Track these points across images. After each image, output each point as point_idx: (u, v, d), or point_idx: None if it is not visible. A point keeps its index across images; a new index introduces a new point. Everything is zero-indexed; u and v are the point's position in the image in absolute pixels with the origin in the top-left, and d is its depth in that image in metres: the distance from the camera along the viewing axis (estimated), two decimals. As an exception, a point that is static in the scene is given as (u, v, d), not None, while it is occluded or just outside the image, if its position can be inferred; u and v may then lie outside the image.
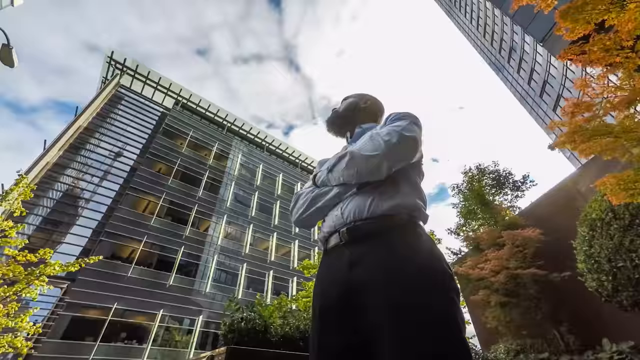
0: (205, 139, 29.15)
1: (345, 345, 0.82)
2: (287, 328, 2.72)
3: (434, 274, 0.82)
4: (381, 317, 0.76)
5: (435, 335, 0.70)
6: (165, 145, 25.37)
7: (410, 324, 0.71)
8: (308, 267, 11.70)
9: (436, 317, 0.73)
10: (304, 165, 40.01)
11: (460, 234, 11.52)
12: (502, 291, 7.34)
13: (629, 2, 3.19)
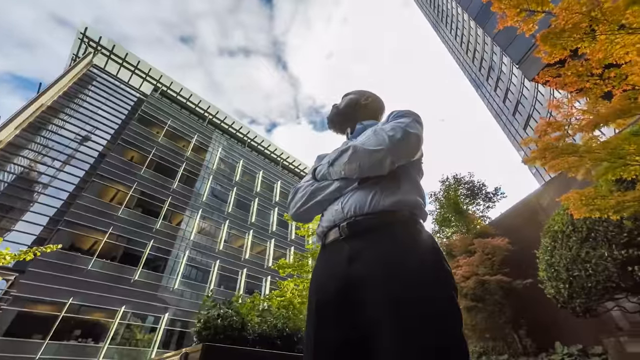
0: (184, 129, 28.11)
1: (344, 340, 0.82)
2: (264, 326, 2.68)
3: (435, 269, 0.83)
4: (381, 311, 0.75)
5: (438, 330, 0.70)
6: (140, 133, 24.16)
7: (411, 318, 0.71)
8: (283, 266, 11.58)
9: (438, 311, 0.73)
10: (285, 164, 39.74)
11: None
12: (470, 296, 7.70)
13: (599, 33, 3.48)
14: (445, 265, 0.86)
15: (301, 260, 12.10)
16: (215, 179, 27.72)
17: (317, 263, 1.05)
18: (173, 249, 21.45)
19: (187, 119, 29.37)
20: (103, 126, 23.16)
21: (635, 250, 4.10)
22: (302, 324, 2.95)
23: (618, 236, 4.27)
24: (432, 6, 32.92)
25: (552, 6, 3.96)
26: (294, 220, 1.22)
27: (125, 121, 24.66)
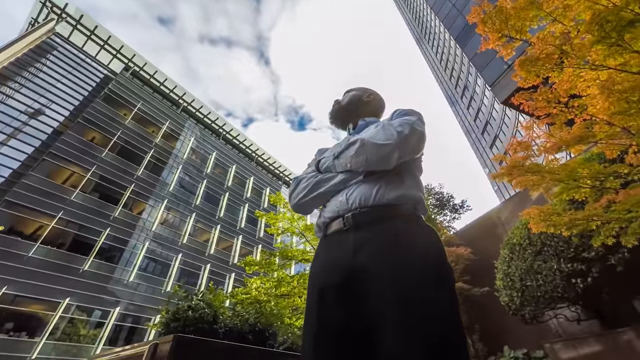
0: (155, 114, 26.56)
1: (345, 325, 0.82)
2: (236, 320, 2.59)
3: (438, 265, 0.85)
4: (385, 305, 0.76)
5: (441, 326, 0.72)
6: (105, 113, 22.45)
7: (415, 314, 0.72)
8: (250, 263, 11.33)
9: (442, 309, 0.75)
10: (259, 160, 39.04)
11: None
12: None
13: (567, 66, 3.85)
14: (447, 261, 0.88)
15: (269, 259, 11.95)
16: (184, 169, 26.50)
17: (318, 252, 1.06)
18: (131, 239, 20.10)
19: (159, 104, 27.81)
20: (61, 101, 21.16)
21: (579, 265, 4.55)
22: (274, 319, 2.91)
23: (566, 251, 4.72)
24: (418, 22, 34.37)
25: (529, 36, 4.31)
26: (295, 210, 1.21)
27: (88, 98, 22.75)
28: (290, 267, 13.73)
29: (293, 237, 18.31)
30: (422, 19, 30.84)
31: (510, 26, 4.48)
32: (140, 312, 18.82)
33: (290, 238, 25.68)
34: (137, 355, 1.72)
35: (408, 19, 39.99)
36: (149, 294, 19.75)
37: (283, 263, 13.00)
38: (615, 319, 4.92)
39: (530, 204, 8.30)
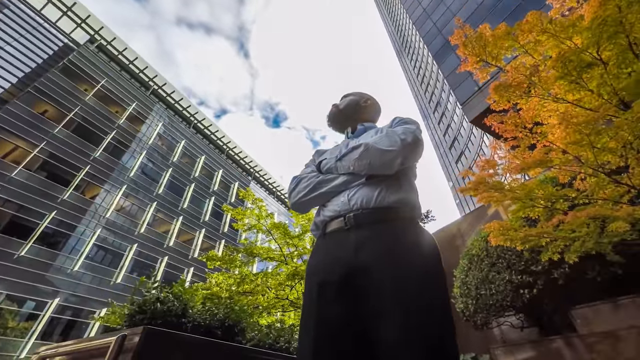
0: (120, 94, 24.69)
1: (345, 321, 0.84)
2: (206, 315, 2.49)
3: (437, 268, 0.90)
4: (386, 303, 0.79)
5: (440, 328, 0.77)
6: (62, 86, 20.42)
7: (417, 315, 0.75)
8: (213, 258, 10.93)
9: (440, 310, 0.79)
10: (230, 154, 37.87)
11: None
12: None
13: (533, 95, 4.25)
14: (442, 264, 0.93)
15: (232, 255, 11.65)
16: (149, 155, 24.91)
17: (316, 249, 1.09)
18: (80, 224, 18.43)
19: (126, 84, 25.91)
20: (8, 66, 18.90)
21: (527, 277, 5.01)
22: (244, 316, 2.84)
23: (517, 264, 5.17)
24: (399, 35, 35.69)
25: (503, 63, 4.68)
26: (293, 208, 1.23)
27: (42, 67, 20.56)
28: (254, 264, 13.51)
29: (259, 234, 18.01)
30: (404, 33, 32.11)
31: (487, 52, 4.85)
32: (83, 305, 17.29)
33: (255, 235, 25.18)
34: (101, 349, 1.58)
35: (390, 30, 41.38)
36: (95, 285, 18.22)
37: (247, 260, 12.75)
38: (552, 327, 5.47)
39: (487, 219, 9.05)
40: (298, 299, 12.03)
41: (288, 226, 14.82)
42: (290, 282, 11.56)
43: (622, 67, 3.58)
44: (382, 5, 46.32)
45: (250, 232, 15.36)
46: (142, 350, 1.60)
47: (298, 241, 14.77)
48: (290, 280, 11.47)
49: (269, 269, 18.61)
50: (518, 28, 4.12)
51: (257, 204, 14.18)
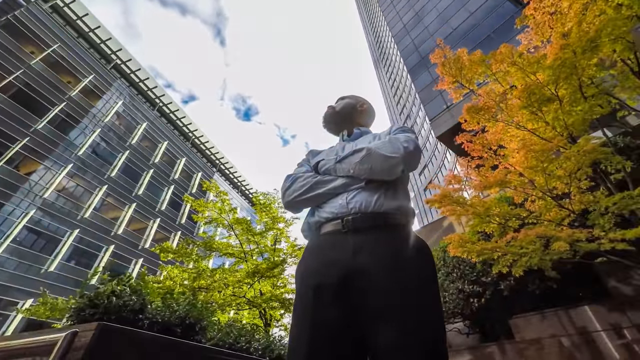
0: (75, 63, 22.25)
1: (343, 324, 0.83)
2: (166, 311, 2.30)
3: (433, 275, 0.92)
4: (384, 306, 0.80)
5: (434, 333, 0.79)
6: (2, 43, 17.87)
7: (415, 319, 0.77)
8: (167, 250, 10.31)
9: (435, 315, 0.82)
10: (196, 142, 36.00)
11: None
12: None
13: (499, 120, 4.65)
14: (436, 271, 0.96)
15: (189, 248, 11.10)
16: (103, 134, 22.74)
17: (310, 250, 1.06)
18: (8, 203, 16.19)
19: (84, 53, 23.43)
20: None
21: (478, 287, 5.42)
22: (206, 314, 2.69)
23: (470, 274, 5.57)
24: (378, 46, 36.85)
25: (475, 87, 5.04)
26: (287, 207, 1.20)
27: (-19, 18, 17.84)
28: (211, 259, 13.00)
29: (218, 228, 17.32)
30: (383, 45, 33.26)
31: (462, 75, 5.21)
32: (3, 294, 15.19)
33: (214, 229, 24.17)
34: (44, 347, 1.38)
35: (370, 40, 42.59)
36: (21, 272, 16.10)
37: (205, 254, 12.22)
38: (493, 334, 5.97)
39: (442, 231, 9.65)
40: (255, 297, 11.76)
41: (251, 223, 14.46)
42: (250, 279, 11.27)
43: (574, 105, 4.06)
44: (365, 15, 47.54)
45: (210, 225, 14.71)
46: (94, 349, 1.43)
47: (260, 238, 14.46)
48: (250, 278, 11.18)
49: (225, 265, 18.13)
50: (492, 57, 4.49)
51: (221, 197, 13.63)
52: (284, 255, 13.62)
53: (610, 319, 4.42)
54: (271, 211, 14.25)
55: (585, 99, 4.16)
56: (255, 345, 3.42)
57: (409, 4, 25.44)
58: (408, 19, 23.88)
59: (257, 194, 14.71)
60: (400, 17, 25.30)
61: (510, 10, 15.23)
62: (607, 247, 3.49)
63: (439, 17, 20.31)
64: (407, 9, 25.14)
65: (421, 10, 22.79)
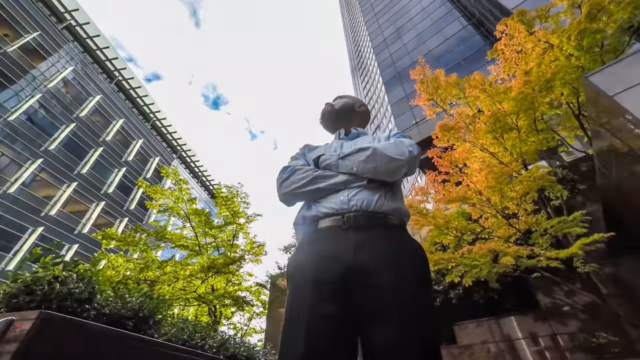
0: (16, 14, 19.40)
1: (341, 320, 0.83)
2: (118, 302, 2.06)
3: (428, 274, 0.95)
4: (384, 304, 0.81)
5: (432, 332, 0.81)
6: None
7: (414, 317, 0.79)
8: (110, 237, 9.45)
9: (432, 313, 0.85)
10: (157, 124, 33.46)
11: (289, 253, 12.79)
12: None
13: (467, 141, 5.03)
14: (430, 271, 1.00)
15: (137, 236, 10.30)
16: (45, 100, 20.08)
17: (306, 243, 1.05)
18: None
19: (28, 4, 20.54)
20: None
21: (429, 293, 5.77)
22: (162, 307, 2.47)
23: (424, 282, 5.91)
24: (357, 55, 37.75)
25: (448, 107, 5.39)
26: (282, 199, 1.18)
27: None
28: (160, 250, 12.20)
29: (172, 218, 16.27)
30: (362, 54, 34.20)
31: (438, 94, 5.54)
32: None
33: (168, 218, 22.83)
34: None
35: (350, 48, 43.50)
36: None
37: (154, 245, 11.43)
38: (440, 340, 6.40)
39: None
40: (207, 293, 11.21)
41: (210, 215, 13.79)
42: (204, 274, 10.71)
43: (529, 136, 4.56)
44: (347, 22, 48.49)
45: (164, 214, 13.78)
46: (34, 341, 1.22)
47: (218, 232, 13.86)
48: (204, 272, 10.63)
49: (176, 257, 17.10)
50: (467, 81, 4.86)
51: (180, 185, 12.84)
52: (241, 251, 13.21)
53: (531, 328, 5.02)
54: (233, 205, 13.73)
55: (537, 131, 4.68)
56: (210, 342, 3.22)
57: (391, 19, 26.53)
58: (389, 33, 24.88)
59: (220, 186, 14.08)
60: (381, 30, 26.24)
61: (480, 43, 16.66)
62: (543, 264, 3.95)
63: (417, 37, 21.49)
64: (389, 24, 26.20)
65: (401, 27, 23.92)
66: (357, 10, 40.22)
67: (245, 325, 15.70)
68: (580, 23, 4.68)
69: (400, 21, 24.79)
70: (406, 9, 25.92)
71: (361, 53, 35.41)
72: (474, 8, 18.47)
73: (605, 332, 4.00)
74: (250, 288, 13.41)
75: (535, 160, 4.71)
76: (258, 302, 13.69)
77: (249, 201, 13.90)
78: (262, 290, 13.44)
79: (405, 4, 26.70)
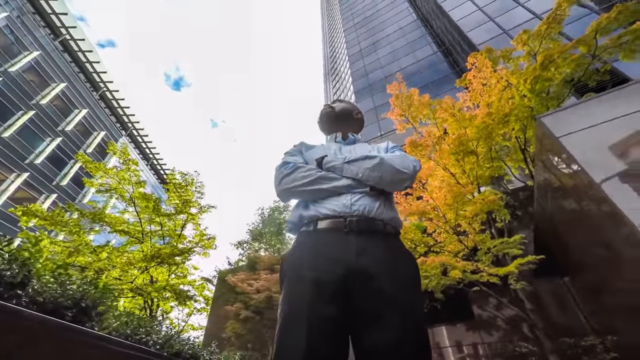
0: None
1: (341, 323, 0.84)
2: (57, 289, 1.76)
3: (419, 279, 1.03)
4: (384, 307, 0.84)
5: (425, 334, 0.86)
6: None
7: (412, 320, 0.84)
8: (33, 213, 8.25)
9: (424, 317, 0.91)
10: (107, 96, 30.06)
11: (241, 249, 12.37)
12: (253, 308, 8.29)
13: (432, 159, 5.38)
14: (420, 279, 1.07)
15: (68, 216, 9.20)
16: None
17: (306, 243, 1.05)
18: None
19: None
20: None
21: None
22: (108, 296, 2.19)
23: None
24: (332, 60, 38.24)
25: (418, 125, 5.72)
26: (280, 194, 1.19)
27: None
28: (93, 234, 11.04)
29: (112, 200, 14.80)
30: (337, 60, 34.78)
31: (410, 112, 5.86)
32: None
33: (108, 199, 20.81)
34: None
35: (326, 52, 43.94)
36: None
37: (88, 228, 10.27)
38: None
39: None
40: (146, 284, 10.31)
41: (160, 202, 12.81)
42: (145, 264, 9.85)
43: (485, 162, 5.06)
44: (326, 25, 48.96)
45: (104, 195, 12.56)
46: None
47: (167, 221, 12.92)
48: (147, 262, 9.80)
49: (112, 244, 15.60)
50: (438, 104, 5.24)
51: (129, 165, 11.74)
52: (188, 243, 12.43)
53: (457, 337, 5.54)
54: (186, 194, 12.90)
55: (492, 159, 5.21)
56: (154, 338, 2.94)
57: (369, 32, 27.47)
58: (365, 45, 25.73)
59: (174, 172, 13.15)
60: (359, 41, 27.01)
61: (446, 70, 18.07)
62: (485, 279, 4.38)
63: (391, 53, 22.55)
64: (367, 36, 27.11)
65: (378, 42, 24.92)
66: (337, 16, 40.89)
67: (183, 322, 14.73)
68: (535, 69, 5.33)
69: (377, 35, 25.82)
70: (384, 25, 27.10)
71: (336, 59, 36.00)
72: (444, 37, 19.99)
73: (526, 343, 4.55)
74: (194, 282, 12.67)
75: (487, 185, 5.24)
76: (201, 297, 12.98)
77: (204, 192, 13.24)
78: (206, 285, 12.77)
79: (383, 20, 27.91)
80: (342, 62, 31.26)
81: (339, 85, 31.04)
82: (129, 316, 2.79)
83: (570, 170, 3.40)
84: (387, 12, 28.76)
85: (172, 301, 12.13)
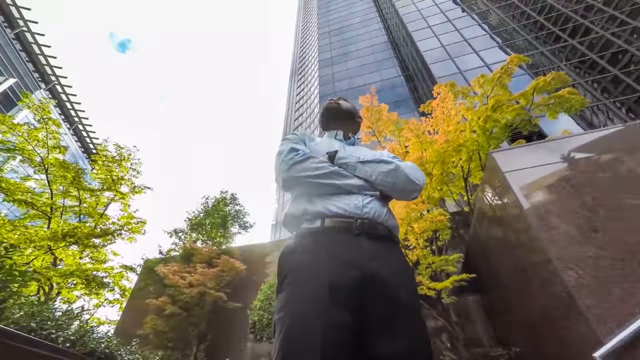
0: None
1: (354, 328, 0.81)
2: None
3: (416, 284, 1.09)
4: (396, 310, 0.85)
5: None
6: None
7: (419, 322, 0.87)
8: None
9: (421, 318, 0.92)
10: (25, 37, 24.91)
11: (175, 238, 11.29)
12: (182, 304, 7.56)
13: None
14: None
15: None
16: None
17: (311, 242, 1.01)
18: None
19: None
20: None
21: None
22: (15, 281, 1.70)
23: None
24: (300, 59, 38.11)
25: (382, 140, 5.95)
26: (286, 181, 1.13)
27: None
28: None
29: (12, 161, 12.63)
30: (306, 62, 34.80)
31: (377, 126, 6.09)
32: None
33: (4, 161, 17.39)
34: None
35: (296, 51, 43.67)
36: None
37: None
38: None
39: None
40: (47, 269, 8.71)
41: (85, 174, 11.19)
42: (52, 243, 8.34)
43: (437, 185, 5.51)
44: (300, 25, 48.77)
45: (3, 154, 10.57)
46: None
47: (88, 197, 11.34)
48: (55, 241, 8.32)
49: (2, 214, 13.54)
50: (405, 124, 5.56)
51: (48, 125, 10.05)
52: (112, 225, 10.96)
53: None
54: (121, 169, 11.42)
55: (443, 182, 5.70)
56: (66, 334, 2.39)
57: (342, 42, 28.20)
58: (337, 53, 26.36)
59: (106, 144, 11.63)
60: (331, 48, 27.52)
61: (406, 94, 19.50)
62: (424, 292, 4.73)
63: (360, 67, 23.54)
64: (339, 45, 27.81)
65: (349, 53, 25.74)
66: (313, 19, 41.11)
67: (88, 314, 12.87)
68: (487, 110, 6.04)
69: (349, 47, 26.67)
70: (357, 39, 28.21)
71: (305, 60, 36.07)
72: (409, 63, 21.57)
73: (450, 352, 5.02)
74: (111, 269, 11.11)
75: (436, 207, 5.72)
76: (117, 287, 11.44)
77: (141, 170, 11.88)
78: (125, 274, 11.29)
79: (357, 34, 29.04)
80: (311, 66, 31.41)
81: (304, 86, 31.11)
82: (37, 306, 2.22)
83: (508, 201, 3.87)
84: (361, 28, 29.97)
85: (80, 289, 10.43)
